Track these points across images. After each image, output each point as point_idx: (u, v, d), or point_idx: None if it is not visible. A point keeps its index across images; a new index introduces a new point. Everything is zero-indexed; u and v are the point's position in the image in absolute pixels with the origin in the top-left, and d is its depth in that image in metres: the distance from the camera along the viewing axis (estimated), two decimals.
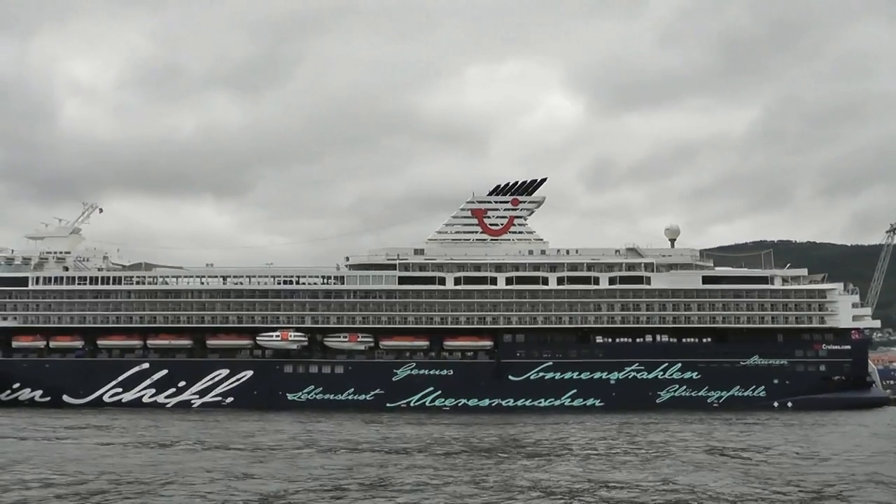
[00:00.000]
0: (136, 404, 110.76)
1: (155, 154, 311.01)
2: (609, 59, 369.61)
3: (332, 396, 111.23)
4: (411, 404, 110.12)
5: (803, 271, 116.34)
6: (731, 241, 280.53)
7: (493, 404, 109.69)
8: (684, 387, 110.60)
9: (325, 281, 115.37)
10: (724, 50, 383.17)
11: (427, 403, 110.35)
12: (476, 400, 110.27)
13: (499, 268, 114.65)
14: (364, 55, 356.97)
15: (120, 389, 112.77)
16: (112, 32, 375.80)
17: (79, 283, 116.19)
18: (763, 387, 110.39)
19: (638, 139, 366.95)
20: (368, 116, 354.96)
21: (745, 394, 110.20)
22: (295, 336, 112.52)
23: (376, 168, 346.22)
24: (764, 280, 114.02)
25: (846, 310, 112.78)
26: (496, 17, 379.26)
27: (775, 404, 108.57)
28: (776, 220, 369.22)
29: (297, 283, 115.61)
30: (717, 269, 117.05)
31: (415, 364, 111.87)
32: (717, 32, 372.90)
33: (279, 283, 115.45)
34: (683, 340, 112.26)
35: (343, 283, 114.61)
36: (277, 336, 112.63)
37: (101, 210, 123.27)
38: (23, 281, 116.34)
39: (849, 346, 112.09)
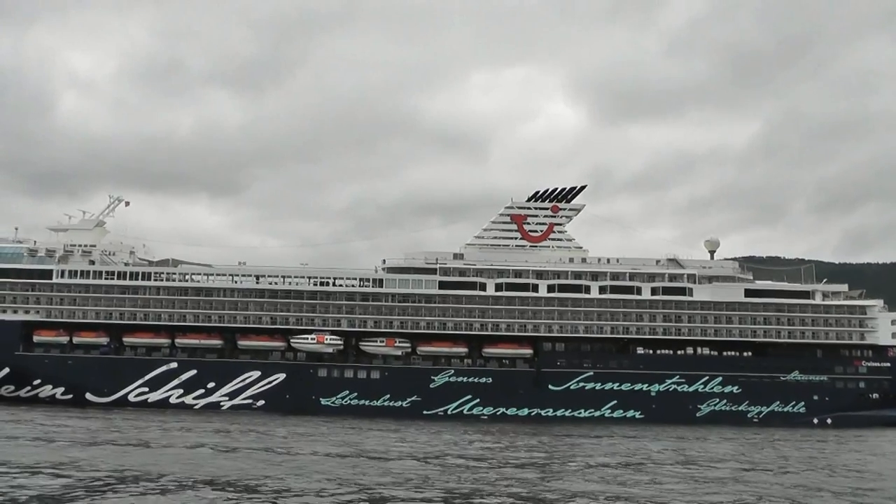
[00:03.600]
0: (163, 404, 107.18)
1: (151, 151, 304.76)
2: (614, 67, 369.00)
3: (367, 402, 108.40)
4: (448, 412, 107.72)
5: (844, 287, 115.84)
6: (721, 256, 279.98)
7: (532, 414, 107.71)
8: (724, 401, 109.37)
9: (363, 283, 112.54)
10: (729, 62, 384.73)
11: (465, 412, 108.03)
12: (515, 409, 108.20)
13: (540, 275, 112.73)
14: (368, 57, 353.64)
15: (146, 389, 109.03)
16: (113, 25, 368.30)
17: (106, 278, 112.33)
18: (803, 402, 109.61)
19: (638, 150, 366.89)
20: (369, 118, 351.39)
21: (786, 409, 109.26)
22: (331, 339, 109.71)
23: (373, 171, 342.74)
24: (805, 295, 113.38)
25: (886, 326, 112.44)
26: (504, 22, 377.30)
27: (815, 420, 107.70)
28: (769, 235, 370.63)
29: (333, 284, 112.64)
30: (757, 282, 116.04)
31: (453, 371, 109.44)
32: (724, 45, 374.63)
33: (314, 285, 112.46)
34: (724, 354, 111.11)
35: (382, 287, 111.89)
36: (313, 339, 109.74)
37: (127, 203, 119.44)
38: (47, 273, 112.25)
39: (888, 364, 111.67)
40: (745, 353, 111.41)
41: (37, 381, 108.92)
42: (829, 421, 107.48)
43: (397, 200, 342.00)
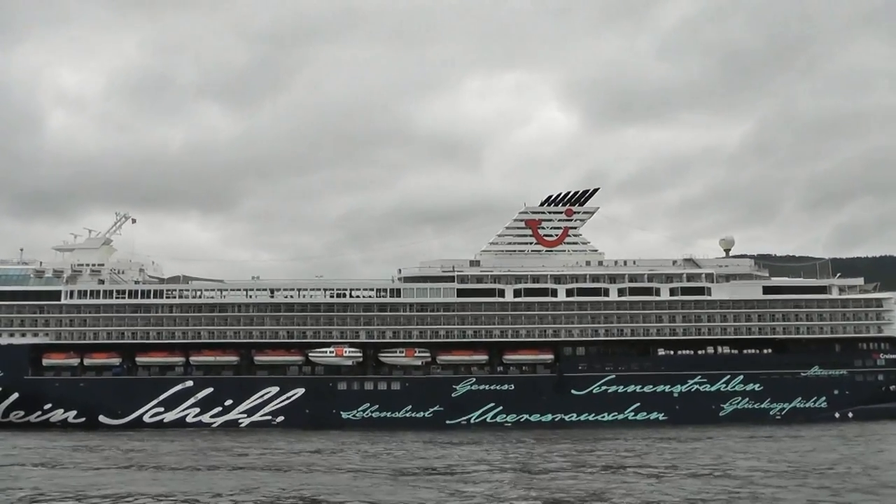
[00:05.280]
0: (179, 424, 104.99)
1: (142, 167, 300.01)
2: (607, 71, 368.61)
3: (388, 414, 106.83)
4: (471, 421, 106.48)
5: (859, 280, 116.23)
6: (711, 256, 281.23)
7: (556, 419, 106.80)
8: (747, 399, 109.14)
9: (380, 294, 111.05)
10: (722, 64, 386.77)
11: (488, 420, 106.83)
12: (538, 415, 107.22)
13: (558, 279, 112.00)
14: (361, 66, 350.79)
15: (161, 409, 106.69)
16: (103, 40, 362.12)
17: (116, 297, 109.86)
18: (824, 397, 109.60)
19: (631, 153, 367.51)
20: (362, 128, 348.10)
21: (807, 405, 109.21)
22: (350, 351, 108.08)
23: (366, 181, 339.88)
24: (822, 290, 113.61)
25: None
26: (499, 28, 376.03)
27: (836, 415, 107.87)
28: (761, 234, 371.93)
29: (350, 296, 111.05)
30: (773, 279, 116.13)
31: (475, 379, 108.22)
32: (716, 46, 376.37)
33: (330, 297, 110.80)
34: (744, 352, 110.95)
35: (399, 296, 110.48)
36: (332, 352, 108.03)
37: (133, 220, 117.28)
38: (55, 295, 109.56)
39: None
40: (765, 351, 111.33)
41: (47, 406, 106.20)
42: (850, 415, 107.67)
43: (391, 210, 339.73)
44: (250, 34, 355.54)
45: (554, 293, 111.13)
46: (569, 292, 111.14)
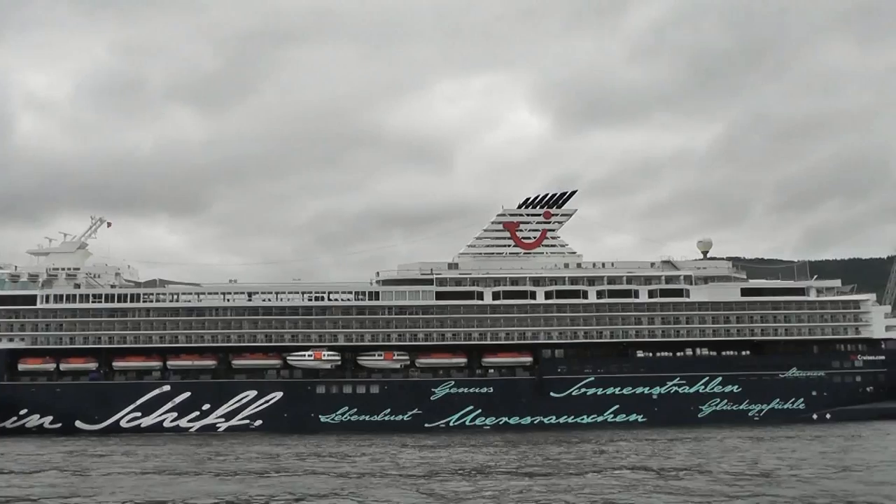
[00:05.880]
0: (157, 429, 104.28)
1: (111, 171, 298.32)
2: (578, 74, 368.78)
3: (367, 418, 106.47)
4: (450, 424, 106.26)
5: (837, 282, 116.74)
6: (688, 257, 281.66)
7: (536, 422, 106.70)
8: (725, 400, 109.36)
9: (359, 297, 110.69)
10: (692, 66, 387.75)
11: (467, 423, 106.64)
12: (517, 418, 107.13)
13: (537, 282, 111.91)
14: (333, 70, 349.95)
15: (139, 414, 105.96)
16: (72, 42, 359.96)
17: (93, 301, 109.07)
18: (802, 399, 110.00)
19: (602, 156, 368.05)
20: (334, 131, 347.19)
21: (785, 406, 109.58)
22: (329, 355, 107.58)
23: (337, 185, 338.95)
24: (800, 291, 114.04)
25: (879, 320, 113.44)
26: (470, 31, 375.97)
27: (814, 416, 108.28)
28: (730, 236, 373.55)
29: (328, 299, 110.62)
30: (751, 281, 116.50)
31: (454, 382, 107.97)
32: (687, 49, 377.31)
33: (309, 300, 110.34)
34: (723, 354, 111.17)
35: (378, 299, 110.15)
36: (310, 355, 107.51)
37: (109, 224, 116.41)
38: (30, 299, 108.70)
39: (883, 357, 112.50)
40: (743, 353, 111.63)
41: (23, 411, 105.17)
42: (828, 416, 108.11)
43: (361, 213, 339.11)
44: (221, 36, 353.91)
45: (533, 296, 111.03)
46: (548, 295, 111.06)
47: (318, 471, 54.20)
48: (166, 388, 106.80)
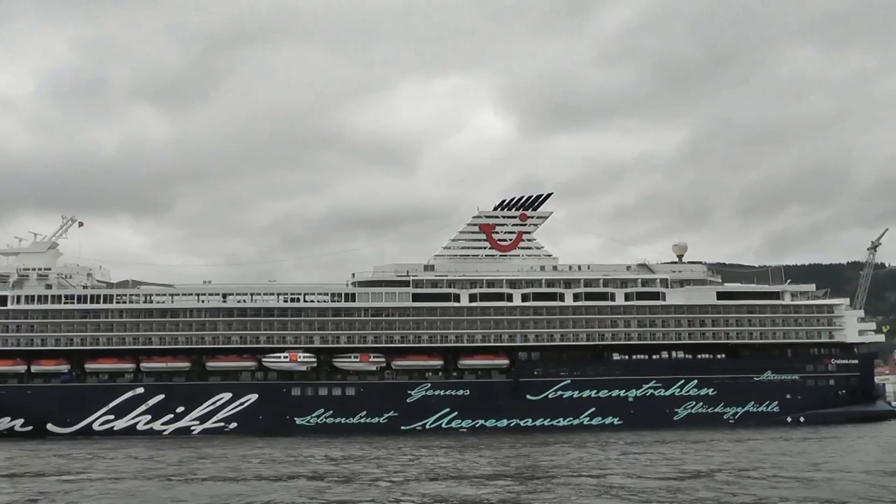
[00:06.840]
0: (130, 432, 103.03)
1: (73, 170, 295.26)
2: (544, 77, 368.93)
3: (342, 420, 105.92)
4: (427, 426, 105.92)
5: (811, 287, 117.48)
6: (657, 262, 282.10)
7: (512, 424, 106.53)
8: (700, 403, 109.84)
9: (334, 298, 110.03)
10: (659, 71, 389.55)
11: (443, 425, 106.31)
12: (494, 420, 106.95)
13: (513, 284, 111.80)
14: (297, 70, 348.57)
15: (111, 416, 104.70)
16: (34, 40, 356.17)
17: (64, 302, 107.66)
18: (776, 402, 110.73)
19: (567, 159, 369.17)
20: (297, 133, 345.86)
21: (760, 409, 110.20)
22: (304, 357, 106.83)
23: (300, 186, 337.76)
24: (775, 295, 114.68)
25: (852, 325, 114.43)
26: (436, 32, 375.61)
27: (788, 419, 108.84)
28: (693, 241, 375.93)
29: (304, 300, 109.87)
30: (726, 284, 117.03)
31: (430, 384, 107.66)
32: (654, 54, 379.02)
33: (284, 301, 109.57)
34: (698, 357, 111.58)
35: (354, 301, 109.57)
36: (286, 357, 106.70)
37: (80, 224, 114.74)
38: (1, 300, 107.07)
39: (856, 361, 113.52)
40: (718, 356, 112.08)
41: None
42: (801, 419, 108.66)
43: (324, 215, 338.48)
44: (185, 35, 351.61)
45: (509, 298, 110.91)
46: (524, 297, 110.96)
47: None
48: (140, 390, 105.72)
